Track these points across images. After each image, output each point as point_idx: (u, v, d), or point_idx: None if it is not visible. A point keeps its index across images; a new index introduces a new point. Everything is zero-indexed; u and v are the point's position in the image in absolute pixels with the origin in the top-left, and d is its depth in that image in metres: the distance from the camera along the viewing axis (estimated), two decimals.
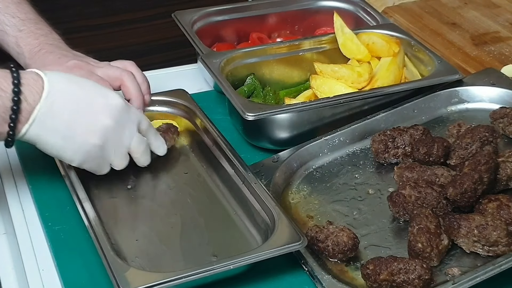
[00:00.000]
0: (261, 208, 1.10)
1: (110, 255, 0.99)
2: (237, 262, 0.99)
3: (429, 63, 1.38)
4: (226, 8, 1.57)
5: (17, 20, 1.27)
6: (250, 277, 1.04)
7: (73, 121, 1.07)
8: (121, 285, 0.95)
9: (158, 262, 1.05)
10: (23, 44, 1.25)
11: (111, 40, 2.21)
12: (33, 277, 1.05)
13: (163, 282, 0.96)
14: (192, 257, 1.06)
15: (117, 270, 0.97)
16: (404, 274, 0.98)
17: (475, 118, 1.31)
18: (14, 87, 1.03)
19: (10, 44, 1.27)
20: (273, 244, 1.01)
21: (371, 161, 1.25)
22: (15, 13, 1.28)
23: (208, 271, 0.98)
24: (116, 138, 1.11)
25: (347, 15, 1.56)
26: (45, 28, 1.28)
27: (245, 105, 1.24)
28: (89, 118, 1.09)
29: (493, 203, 1.08)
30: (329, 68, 1.36)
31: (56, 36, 1.29)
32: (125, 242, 1.08)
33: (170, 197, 1.17)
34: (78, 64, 1.22)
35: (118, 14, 2.20)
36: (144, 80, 1.27)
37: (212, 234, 1.10)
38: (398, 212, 1.11)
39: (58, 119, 1.07)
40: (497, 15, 1.70)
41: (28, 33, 1.26)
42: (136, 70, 1.27)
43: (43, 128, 1.06)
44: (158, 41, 2.24)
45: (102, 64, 1.25)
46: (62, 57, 1.23)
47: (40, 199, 1.17)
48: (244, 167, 1.16)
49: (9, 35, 1.27)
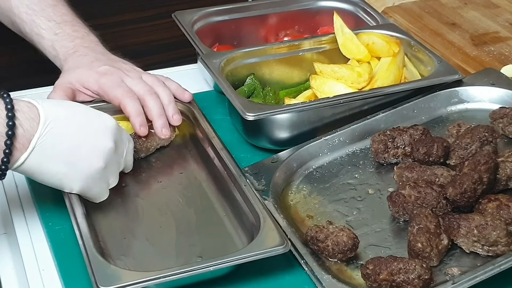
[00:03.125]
0: (249, 210, 1.10)
1: (91, 252, 0.99)
2: (219, 264, 0.99)
3: (429, 63, 1.38)
4: (226, 8, 1.57)
5: (53, 24, 1.27)
6: (249, 276, 1.04)
7: (75, 146, 1.05)
8: (99, 283, 0.95)
9: (143, 261, 1.05)
10: (58, 47, 1.25)
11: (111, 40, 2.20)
12: (33, 277, 1.05)
13: (143, 281, 0.96)
14: (178, 257, 1.06)
15: (97, 267, 0.97)
16: (404, 274, 0.98)
17: (474, 118, 1.31)
18: (7, 112, 0.99)
19: (46, 47, 1.27)
20: (256, 247, 1.01)
21: (371, 161, 1.25)
22: (51, 16, 1.28)
23: (187, 272, 0.98)
24: (115, 158, 1.11)
25: (347, 15, 1.56)
26: (81, 30, 1.28)
27: (245, 105, 1.24)
28: (91, 141, 1.07)
29: (493, 203, 1.08)
30: (329, 68, 1.36)
31: (93, 38, 1.29)
32: (112, 240, 1.07)
33: (163, 197, 1.17)
34: (109, 70, 1.22)
35: (118, 14, 2.19)
36: (170, 101, 1.24)
37: (200, 234, 1.10)
38: (398, 212, 1.11)
39: (59, 145, 1.03)
40: (497, 15, 1.70)
41: (63, 36, 1.26)
42: (163, 90, 1.24)
43: (44, 155, 1.03)
44: (158, 41, 2.24)
45: (133, 74, 1.24)
46: (95, 61, 1.23)
47: (40, 199, 1.17)
48: (236, 169, 1.16)
49: (45, 38, 1.27)
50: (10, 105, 1.00)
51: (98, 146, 1.07)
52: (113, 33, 2.20)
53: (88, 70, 1.22)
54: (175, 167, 1.24)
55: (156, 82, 1.25)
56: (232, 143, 1.27)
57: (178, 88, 1.29)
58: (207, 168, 1.22)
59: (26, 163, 1.02)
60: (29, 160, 1.02)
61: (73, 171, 1.06)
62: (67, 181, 1.07)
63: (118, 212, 1.14)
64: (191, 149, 1.27)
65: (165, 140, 1.25)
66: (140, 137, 1.22)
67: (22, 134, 1.00)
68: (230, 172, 1.16)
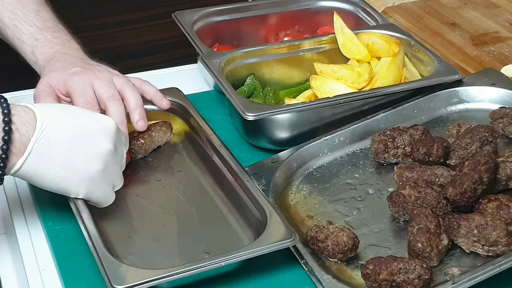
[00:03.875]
0: (253, 205, 1.10)
1: (102, 252, 1.00)
2: (229, 259, 0.99)
3: (429, 63, 1.38)
4: (226, 8, 1.57)
5: (34, 29, 1.26)
6: (249, 276, 1.04)
7: (72, 149, 1.04)
8: (113, 282, 0.95)
9: (150, 259, 1.05)
10: (38, 53, 1.24)
11: (111, 40, 2.21)
12: (33, 277, 1.05)
13: (156, 279, 0.96)
14: (185, 254, 1.06)
15: (109, 267, 0.97)
16: (404, 274, 0.98)
17: (475, 118, 1.31)
18: (4, 117, 0.98)
19: (27, 53, 1.26)
20: (264, 241, 1.02)
21: (371, 161, 1.25)
22: (33, 21, 1.26)
23: (199, 268, 0.98)
24: (114, 160, 1.10)
25: (347, 15, 1.56)
26: (62, 37, 1.27)
27: (245, 105, 1.24)
28: (88, 144, 1.06)
29: (493, 203, 1.08)
30: (329, 68, 1.36)
31: (74, 45, 1.27)
32: (118, 240, 1.08)
33: (164, 195, 1.18)
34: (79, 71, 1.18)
35: (118, 14, 2.20)
36: (137, 105, 1.19)
37: (205, 231, 1.10)
38: (398, 212, 1.11)
39: (56, 149, 1.03)
40: (497, 15, 1.70)
41: (44, 42, 1.24)
42: (130, 93, 1.20)
43: (41, 160, 1.02)
44: (158, 41, 2.24)
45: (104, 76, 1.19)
46: (69, 65, 1.20)
47: (40, 199, 1.17)
48: (237, 165, 1.16)
49: (26, 44, 1.25)
50: (6, 109, 0.99)
51: (96, 149, 1.06)
52: (113, 33, 2.20)
53: (60, 73, 1.18)
54: (174, 166, 1.24)
55: (125, 85, 1.20)
56: (232, 143, 1.27)
57: (156, 93, 1.25)
58: (206, 165, 1.22)
59: (23, 167, 1.02)
60: (26, 165, 1.01)
61: (71, 174, 1.05)
62: (66, 185, 1.06)
63: (120, 212, 1.14)
64: (188, 147, 1.27)
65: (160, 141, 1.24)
66: (138, 138, 1.22)
67: (18, 139, 1.00)
68: (231, 169, 1.16)
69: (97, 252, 1.00)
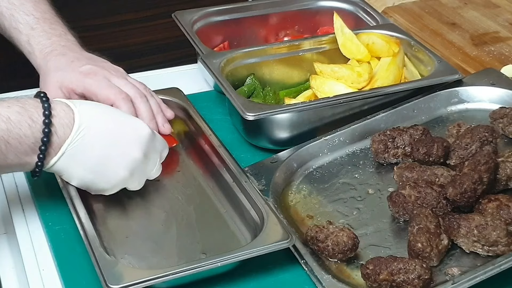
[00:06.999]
0: (250, 206, 1.11)
1: (98, 251, 1.00)
2: (225, 260, 0.99)
3: (429, 63, 1.38)
4: (226, 8, 1.57)
5: (31, 18, 1.25)
6: (249, 276, 1.04)
7: (104, 155, 1.06)
8: (108, 281, 0.95)
9: (147, 259, 1.05)
10: (34, 43, 1.23)
11: (111, 40, 2.20)
12: (33, 277, 1.05)
13: (152, 279, 0.96)
14: (182, 254, 1.06)
15: (105, 266, 0.97)
16: (404, 274, 0.98)
17: (474, 118, 1.31)
18: (45, 118, 1.01)
19: (22, 42, 1.25)
20: (261, 242, 1.02)
21: (371, 161, 1.25)
22: (30, 11, 1.26)
23: (195, 268, 0.98)
24: (142, 168, 1.11)
25: (347, 15, 1.56)
26: (59, 29, 1.26)
27: (245, 105, 1.24)
28: (120, 152, 1.07)
29: (493, 203, 1.08)
30: (329, 68, 1.36)
31: (70, 37, 1.26)
32: (115, 239, 1.08)
33: (162, 195, 1.17)
34: (93, 69, 1.19)
35: (118, 14, 2.19)
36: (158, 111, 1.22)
37: (202, 232, 1.10)
38: (398, 212, 1.11)
39: (88, 153, 1.05)
40: (497, 15, 1.70)
41: (40, 32, 1.24)
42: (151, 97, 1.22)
43: (72, 161, 1.05)
44: (158, 41, 2.24)
45: (119, 74, 1.21)
46: (75, 61, 1.20)
47: (40, 199, 1.17)
48: (235, 165, 1.16)
49: (21, 33, 1.25)
50: (47, 110, 1.02)
51: (126, 157, 1.08)
52: (113, 33, 2.20)
53: (71, 72, 1.19)
54: (172, 166, 1.24)
55: (142, 87, 1.22)
56: (232, 143, 1.27)
57: (161, 102, 1.26)
58: (205, 165, 1.22)
59: (55, 166, 1.05)
60: (58, 163, 1.05)
61: (98, 179, 1.08)
62: (91, 185, 1.10)
63: (118, 211, 1.14)
64: (187, 147, 1.27)
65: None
66: None
67: (55, 141, 1.03)
68: (229, 169, 1.17)
69: (93, 251, 1.00)
